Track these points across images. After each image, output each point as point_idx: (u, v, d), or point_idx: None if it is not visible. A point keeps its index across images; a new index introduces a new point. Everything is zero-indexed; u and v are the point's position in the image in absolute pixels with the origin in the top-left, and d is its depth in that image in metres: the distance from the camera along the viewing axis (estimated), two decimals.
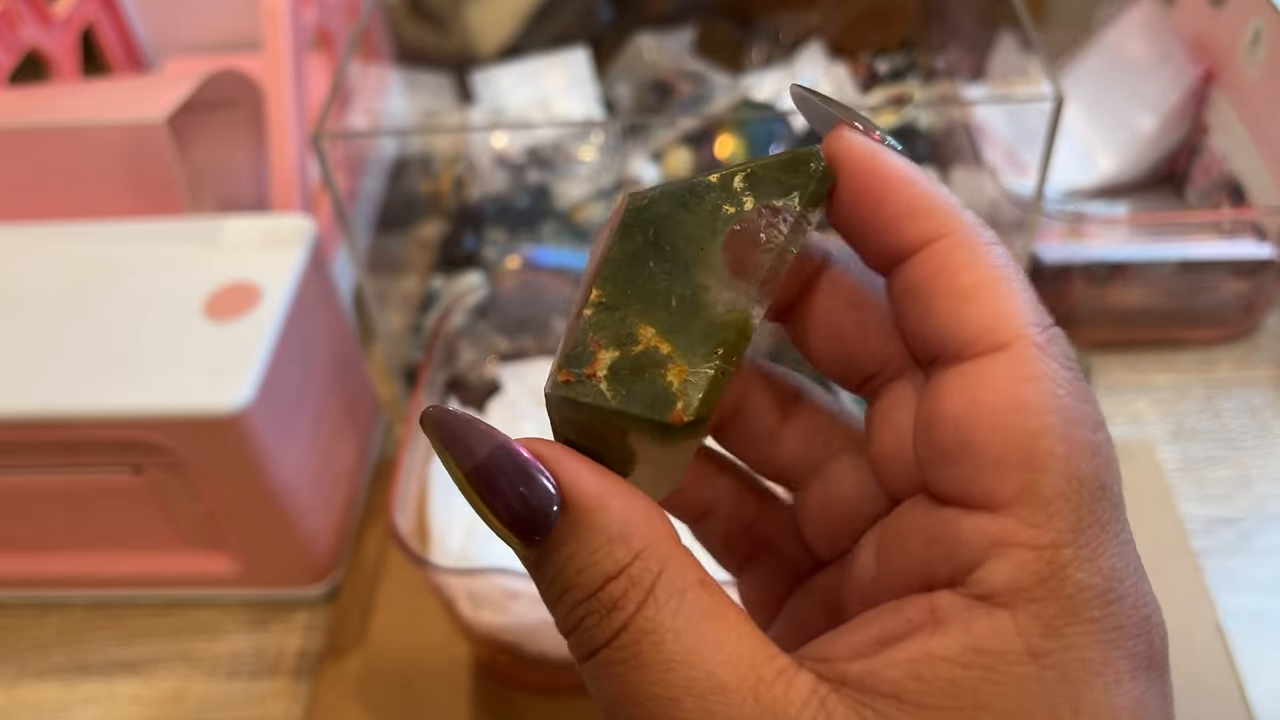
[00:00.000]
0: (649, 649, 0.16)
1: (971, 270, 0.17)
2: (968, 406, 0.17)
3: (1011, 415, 0.16)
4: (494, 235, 0.63)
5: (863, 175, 0.18)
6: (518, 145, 0.66)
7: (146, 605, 0.50)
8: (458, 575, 0.40)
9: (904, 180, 0.18)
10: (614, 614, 0.16)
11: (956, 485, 0.17)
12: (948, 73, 0.68)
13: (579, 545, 0.17)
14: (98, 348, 0.43)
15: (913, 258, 0.18)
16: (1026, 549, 0.16)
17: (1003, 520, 0.16)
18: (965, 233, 0.17)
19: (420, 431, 0.46)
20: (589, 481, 0.17)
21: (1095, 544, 0.16)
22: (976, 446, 0.16)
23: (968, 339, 0.17)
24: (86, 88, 0.58)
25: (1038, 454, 0.16)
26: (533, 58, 0.71)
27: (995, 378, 0.16)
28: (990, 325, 0.17)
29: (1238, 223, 0.55)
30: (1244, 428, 0.54)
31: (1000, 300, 0.17)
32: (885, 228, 0.18)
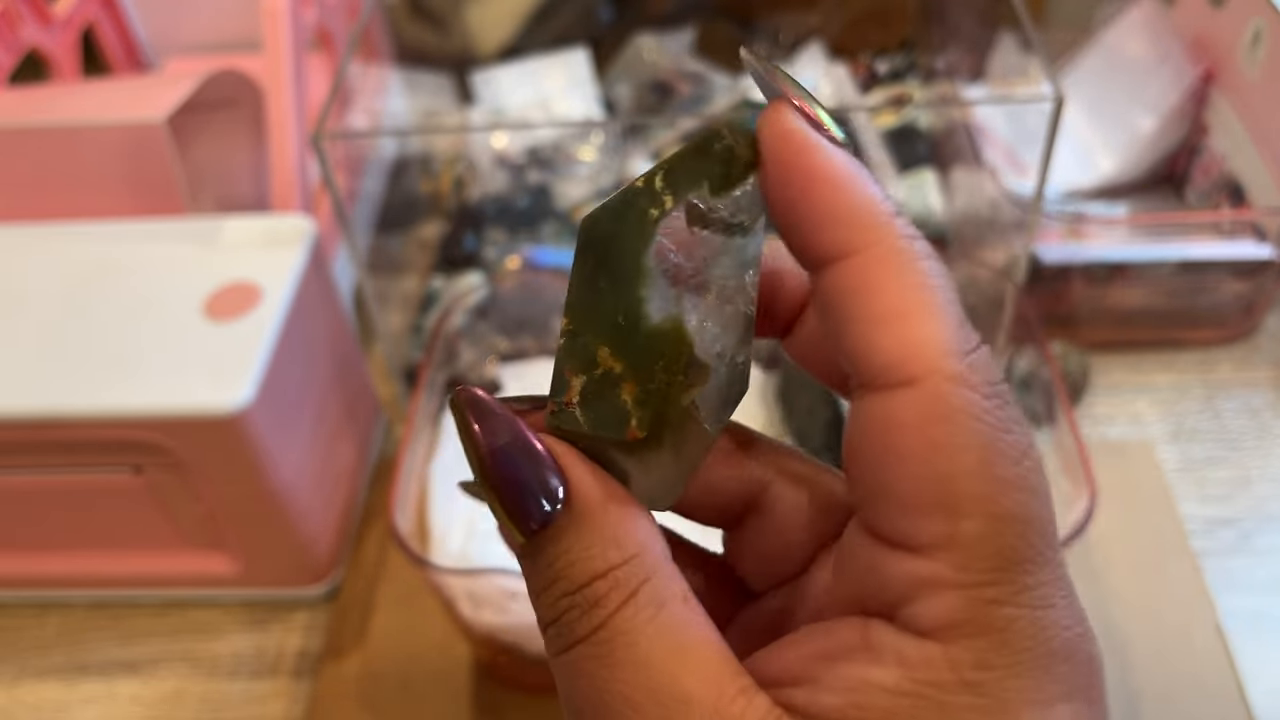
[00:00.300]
0: (622, 649, 0.17)
1: (888, 292, 0.16)
2: (881, 448, 0.16)
3: (924, 460, 0.16)
4: (494, 235, 0.63)
5: (787, 168, 0.17)
6: (518, 145, 0.66)
7: (146, 605, 0.50)
8: (458, 575, 0.40)
9: (831, 180, 0.17)
10: (595, 610, 0.17)
11: (879, 525, 0.17)
12: (948, 73, 0.68)
13: (574, 540, 0.17)
14: (98, 348, 0.43)
15: (831, 268, 0.17)
16: (952, 589, 0.16)
17: (927, 562, 0.16)
18: (888, 246, 0.16)
19: (419, 432, 0.46)
20: (593, 484, 0.18)
21: (1022, 578, 0.16)
22: (893, 491, 0.16)
23: (878, 368, 0.16)
24: (87, 88, 0.58)
25: (954, 498, 0.16)
26: (533, 58, 0.71)
27: (905, 417, 0.16)
28: (901, 356, 0.16)
29: (1237, 223, 0.55)
30: (1244, 428, 0.54)
31: (915, 327, 0.16)
32: (805, 230, 0.17)
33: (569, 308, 0.19)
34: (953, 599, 0.16)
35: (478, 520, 0.45)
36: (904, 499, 0.16)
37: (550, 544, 0.18)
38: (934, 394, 0.16)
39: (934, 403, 0.16)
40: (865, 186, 0.17)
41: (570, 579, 0.17)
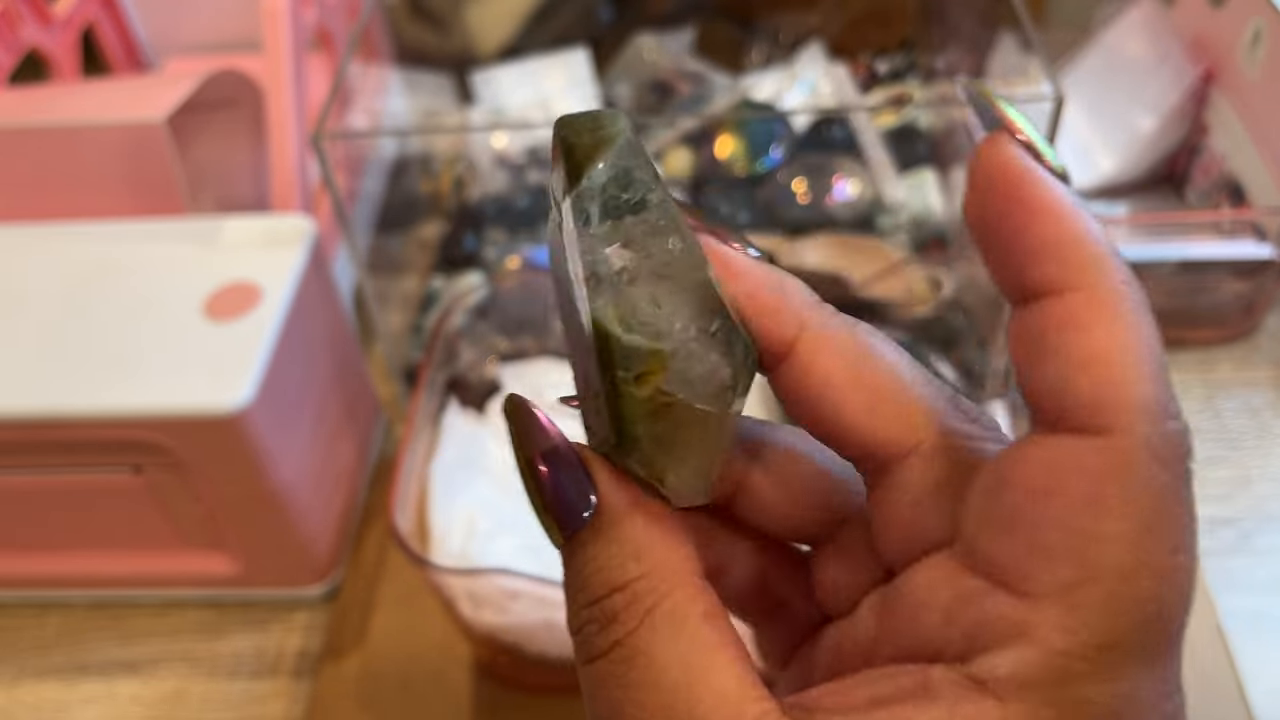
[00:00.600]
0: (638, 669, 0.17)
1: (1100, 335, 0.15)
2: (1043, 484, 0.15)
3: (1082, 510, 0.15)
4: (494, 235, 0.63)
5: (1007, 198, 0.16)
6: (518, 145, 0.66)
7: (146, 605, 0.50)
8: (458, 575, 0.40)
9: (1051, 213, 0.16)
10: (612, 626, 0.17)
11: (1000, 557, 0.16)
12: (948, 73, 0.68)
13: (599, 549, 0.18)
14: (98, 348, 0.43)
15: (1040, 302, 0.16)
16: (1040, 648, 0.15)
17: (1031, 611, 0.15)
18: (1102, 289, 0.15)
19: (419, 432, 0.46)
20: (620, 494, 0.18)
21: (1121, 668, 0.15)
22: (1037, 528, 0.15)
23: (1069, 409, 0.15)
24: (86, 88, 0.58)
25: (1093, 559, 0.15)
26: (533, 58, 0.71)
27: (1081, 464, 0.15)
28: (1096, 404, 0.15)
29: (1237, 223, 0.55)
30: (1244, 428, 0.54)
31: (1119, 378, 0.15)
32: (1018, 261, 0.16)
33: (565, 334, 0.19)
34: (1038, 657, 0.15)
35: (478, 520, 0.45)
36: (1042, 539, 0.15)
37: (579, 550, 0.18)
38: (1120, 451, 0.15)
39: (1116, 460, 0.15)
40: (1086, 223, 0.16)
41: (592, 588, 0.17)
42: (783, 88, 0.69)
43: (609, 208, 0.17)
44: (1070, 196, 0.16)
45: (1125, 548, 0.15)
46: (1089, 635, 0.15)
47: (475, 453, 0.49)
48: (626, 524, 0.18)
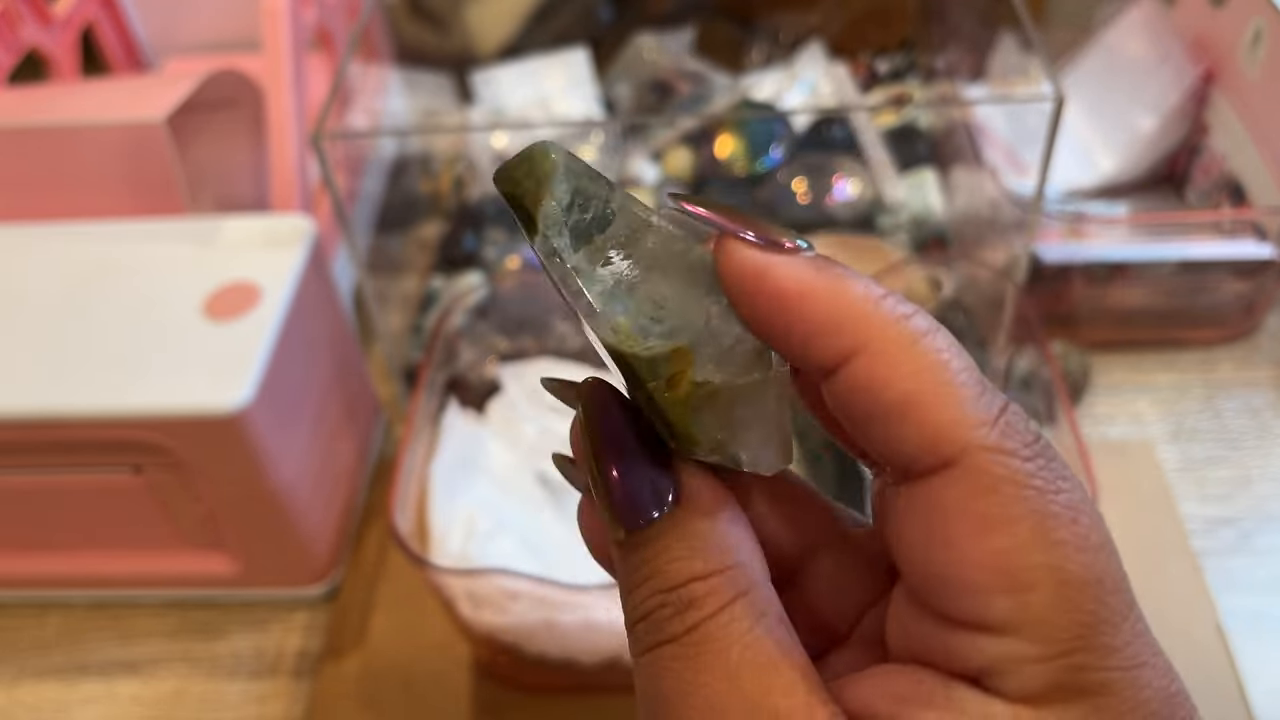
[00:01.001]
0: (714, 654, 0.16)
1: (895, 385, 0.16)
2: (930, 536, 0.16)
3: (976, 540, 0.15)
4: (494, 235, 0.63)
5: (752, 298, 0.17)
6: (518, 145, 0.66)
7: (146, 605, 0.50)
8: (457, 576, 0.40)
9: (800, 294, 0.16)
10: (690, 611, 0.17)
11: (946, 609, 0.16)
12: (948, 73, 0.68)
13: (676, 540, 0.17)
14: (98, 348, 0.43)
15: (835, 376, 0.16)
16: (1036, 663, 0.15)
17: (1004, 641, 0.15)
18: (881, 341, 0.16)
19: (419, 432, 0.46)
20: (709, 489, 0.18)
21: (1106, 640, 0.15)
22: (953, 577, 0.16)
23: (910, 458, 0.16)
24: (86, 88, 0.58)
25: (1017, 573, 0.15)
26: (533, 58, 0.71)
27: (949, 499, 0.15)
28: (930, 441, 0.16)
29: (1238, 223, 0.55)
30: (1244, 428, 0.54)
31: (934, 410, 0.16)
32: (797, 347, 0.17)
33: None
34: (1039, 671, 0.15)
35: (478, 520, 0.45)
36: (965, 583, 0.15)
37: (651, 541, 0.17)
38: (973, 469, 0.15)
39: (975, 478, 0.15)
40: (838, 287, 0.16)
41: (667, 577, 0.17)
42: (783, 87, 0.69)
43: (577, 235, 0.18)
44: (814, 267, 0.16)
45: (1033, 548, 0.15)
46: (1062, 632, 0.15)
47: (475, 453, 0.49)
48: (713, 518, 0.17)
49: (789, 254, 0.17)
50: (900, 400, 0.16)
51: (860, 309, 0.16)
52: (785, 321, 0.16)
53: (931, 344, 0.16)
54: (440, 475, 0.46)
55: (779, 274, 0.16)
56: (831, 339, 0.16)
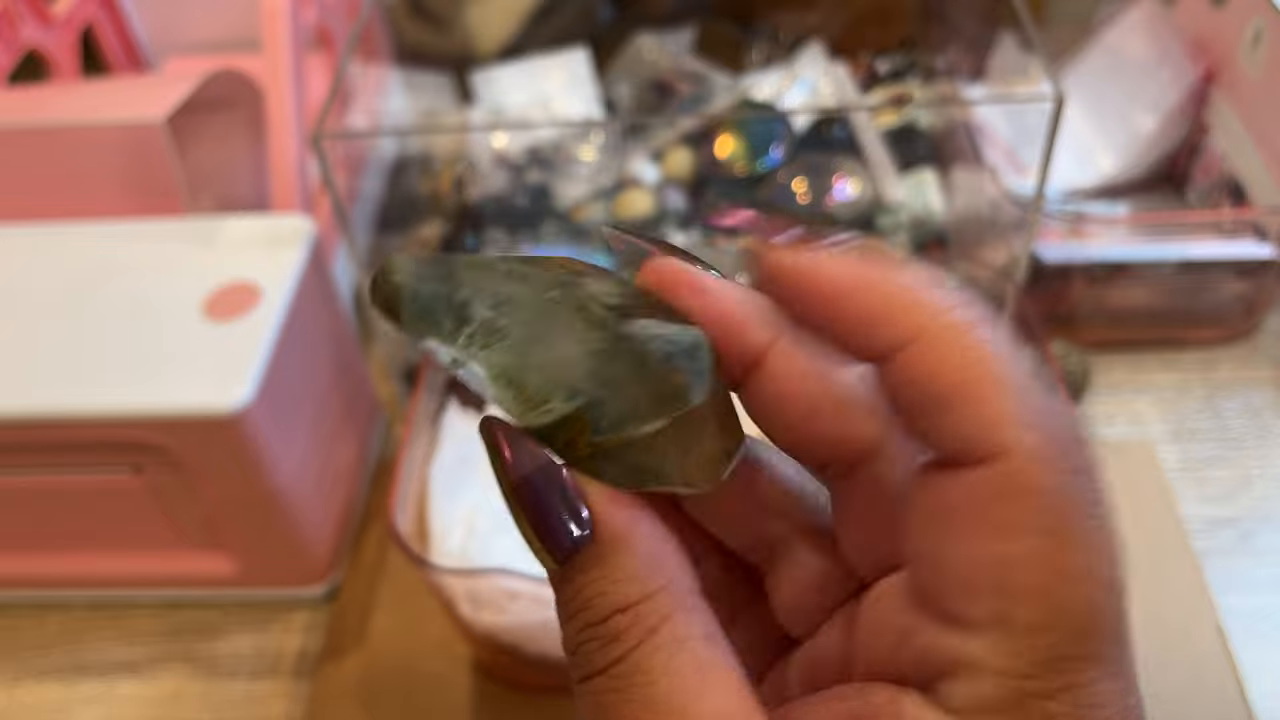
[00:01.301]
0: (638, 686, 0.17)
1: (944, 376, 0.16)
2: (946, 522, 0.16)
3: (987, 540, 0.15)
4: (494, 235, 0.63)
5: (806, 296, 0.17)
6: (518, 145, 0.66)
7: (146, 605, 0.50)
8: (457, 576, 0.40)
9: (851, 287, 0.16)
10: (613, 645, 0.17)
11: (929, 596, 0.16)
12: (948, 72, 0.68)
13: (598, 574, 0.17)
14: (97, 348, 0.43)
15: (887, 366, 0.16)
16: (994, 674, 0.15)
17: (970, 642, 0.15)
18: (935, 330, 0.16)
19: (418, 432, 0.46)
20: (619, 517, 0.18)
21: (1072, 676, 0.15)
22: (952, 569, 0.16)
23: (951, 451, 0.16)
24: (86, 88, 0.58)
25: (1012, 584, 0.15)
26: (533, 57, 0.71)
27: (976, 495, 0.15)
28: (970, 436, 0.15)
29: (1238, 223, 0.55)
30: (1244, 428, 0.54)
31: (980, 405, 0.15)
32: (852, 340, 0.17)
33: None
34: (993, 684, 0.15)
35: (477, 520, 0.45)
36: (961, 576, 0.15)
37: (576, 575, 0.18)
38: (1005, 473, 0.15)
39: (1005, 482, 0.15)
40: (888, 278, 0.16)
41: (592, 611, 0.17)
42: (783, 87, 0.69)
43: (446, 334, 0.18)
44: (858, 262, 0.17)
45: (1039, 565, 0.15)
46: (1031, 654, 0.15)
47: (475, 453, 0.49)
48: (627, 548, 0.17)
49: (830, 249, 0.17)
50: (946, 393, 0.16)
51: (911, 298, 0.16)
52: (840, 316, 0.17)
53: (982, 337, 0.16)
54: (440, 475, 0.46)
55: (828, 270, 0.17)
56: (883, 330, 0.16)
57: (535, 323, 0.17)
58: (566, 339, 0.17)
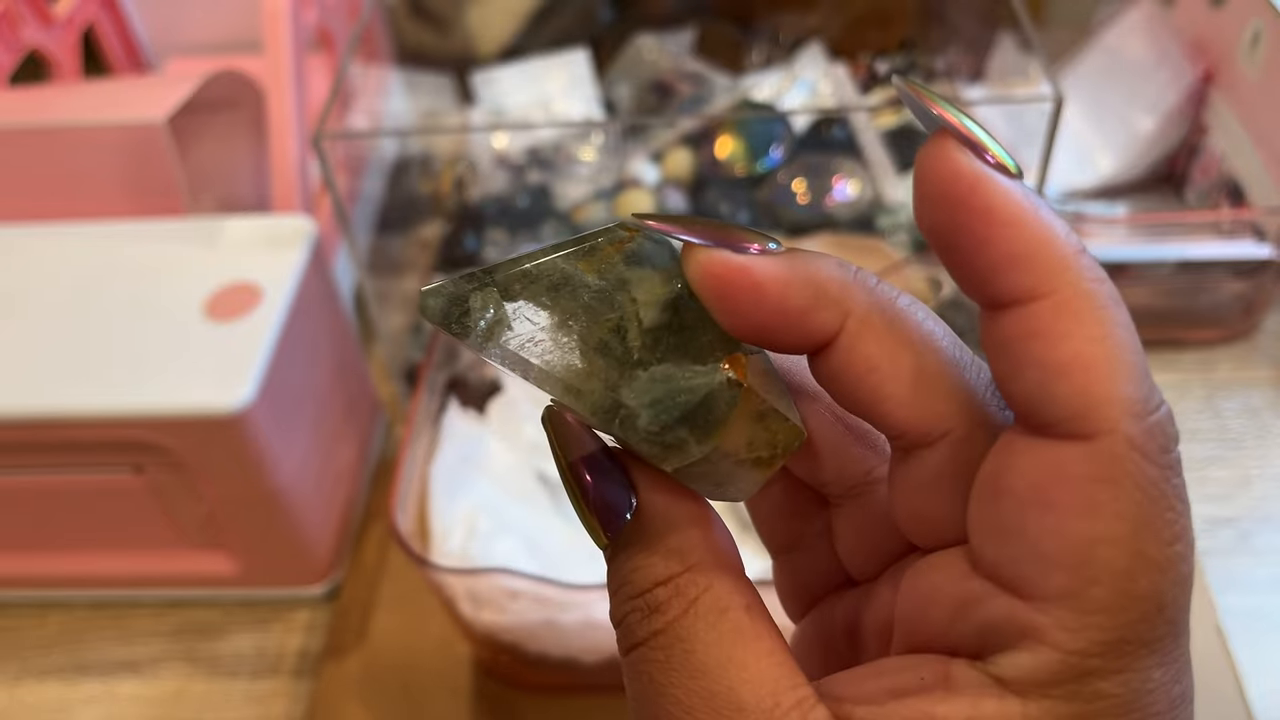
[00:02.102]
0: (679, 655, 0.17)
1: (1073, 340, 0.15)
2: (1034, 492, 0.15)
3: (1077, 516, 0.15)
4: (494, 235, 0.63)
5: (960, 210, 0.16)
6: (518, 146, 0.66)
7: (147, 605, 0.50)
8: (458, 575, 0.40)
9: (1011, 220, 0.15)
10: (655, 616, 0.17)
11: (1001, 564, 0.16)
12: (947, 73, 0.68)
13: (641, 549, 0.18)
14: (99, 348, 0.43)
15: (1008, 312, 0.16)
16: (1055, 649, 0.15)
17: (1038, 614, 0.15)
18: (1071, 293, 0.15)
19: (419, 432, 0.46)
20: (661, 496, 0.18)
21: (1130, 659, 0.15)
22: (1034, 538, 0.15)
23: (1053, 419, 0.15)
24: (87, 88, 0.58)
25: (1093, 563, 0.15)
26: (533, 58, 0.71)
27: (1071, 471, 0.15)
28: (1079, 410, 0.15)
29: (1237, 223, 0.55)
30: (1244, 428, 0.54)
31: (1097, 382, 0.15)
32: (981, 273, 0.16)
33: None
34: (1054, 658, 0.15)
35: (478, 520, 0.45)
36: (1041, 548, 0.15)
37: (622, 550, 0.18)
38: (1106, 454, 0.15)
39: (1106, 462, 0.15)
40: (1048, 225, 0.16)
41: (634, 584, 0.18)
42: (783, 88, 0.69)
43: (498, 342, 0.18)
44: (1026, 197, 0.16)
45: (1122, 549, 0.15)
46: (1098, 634, 0.15)
47: (475, 453, 0.49)
48: (666, 523, 0.18)
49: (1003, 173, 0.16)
50: (1069, 360, 0.15)
51: (1061, 255, 0.15)
52: (988, 245, 0.16)
53: (1114, 316, 0.15)
54: (441, 475, 0.46)
55: (996, 194, 0.16)
56: (1025, 275, 0.15)
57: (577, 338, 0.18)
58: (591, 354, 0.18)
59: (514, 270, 0.18)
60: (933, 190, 0.16)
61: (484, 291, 0.18)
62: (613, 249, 0.18)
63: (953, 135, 0.16)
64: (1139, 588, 0.15)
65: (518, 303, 0.18)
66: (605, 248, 0.18)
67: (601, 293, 0.18)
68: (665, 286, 0.18)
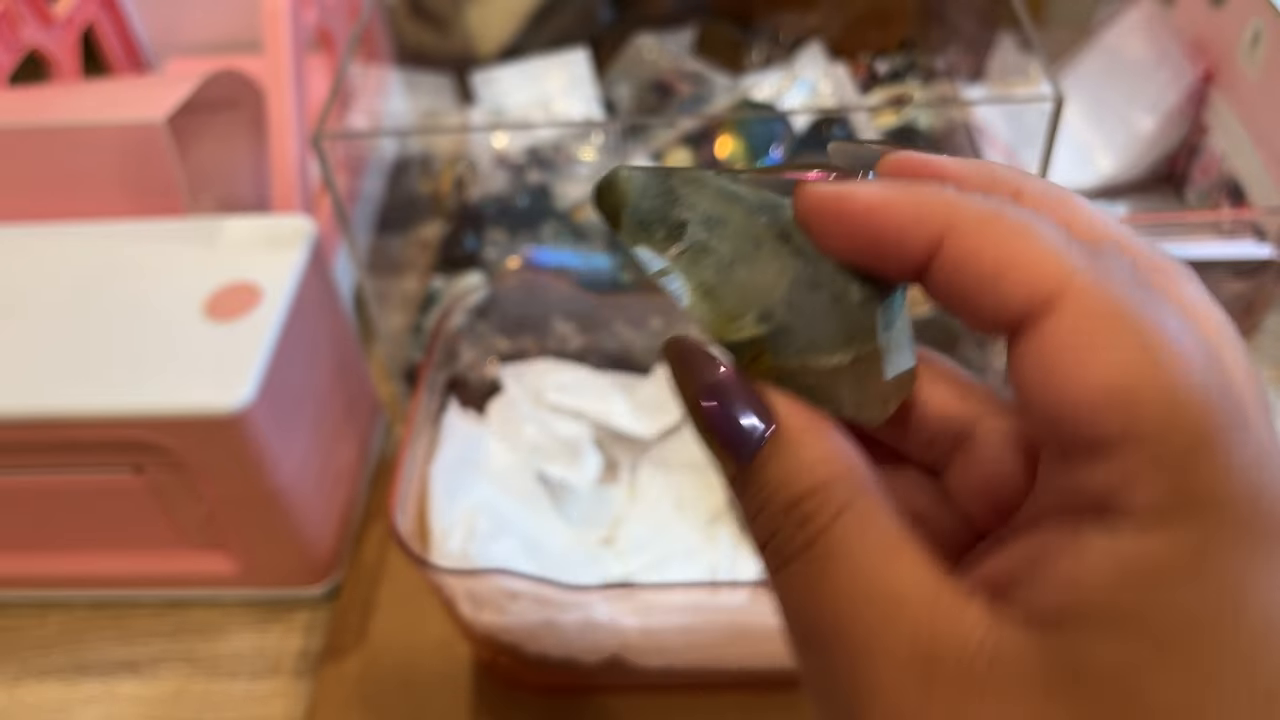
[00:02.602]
0: (836, 561, 0.18)
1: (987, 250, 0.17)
2: (1046, 377, 0.16)
3: (1083, 366, 0.16)
4: (494, 235, 0.63)
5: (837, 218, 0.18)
6: (518, 145, 0.66)
7: (147, 605, 0.50)
8: (458, 576, 0.40)
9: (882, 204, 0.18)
10: (806, 526, 0.18)
11: (1069, 445, 0.16)
12: (947, 73, 0.68)
13: (782, 463, 0.18)
14: (98, 348, 0.43)
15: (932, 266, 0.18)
16: (1150, 481, 0.15)
17: (1119, 461, 0.16)
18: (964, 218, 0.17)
19: (419, 432, 0.46)
20: (799, 413, 0.19)
21: (1226, 453, 0.15)
22: (1067, 408, 0.16)
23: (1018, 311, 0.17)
24: (87, 88, 0.58)
25: (1124, 394, 0.16)
26: (533, 58, 0.71)
27: (1056, 335, 0.16)
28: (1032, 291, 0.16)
29: (1237, 223, 0.55)
30: None
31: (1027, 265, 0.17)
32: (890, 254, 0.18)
33: None
34: (1154, 487, 0.15)
35: (478, 521, 0.45)
36: (1079, 408, 0.16)
37: (761, 469, 0.19)
38: (1073, 304, 0.16)
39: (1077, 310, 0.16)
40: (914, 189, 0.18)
41: (783, 497, 0.18)
42: (783, 88, 0.69)
43: (658, 242, 0.19)
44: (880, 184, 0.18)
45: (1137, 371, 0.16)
46: (1176, 444, 0.15)
47: (475, 453, 0.49)
48: (811, 435, 0.18)
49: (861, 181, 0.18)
50: (994, 264, 0.17)
51: (939, 199, 0.18)
52: (875, 233, 0.18)
53: (1013, 214, 0.17)
54: (441, 475, 0.46)
55: (858, 195, 0.18)
56: (921, 230, 0.17)
57: (742, 245, 0.19)
58: (769, 264, 0.19)
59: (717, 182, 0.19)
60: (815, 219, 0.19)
61: (692, 186, 0.19)
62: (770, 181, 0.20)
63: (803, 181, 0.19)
64: (1180, 388, 0.15)
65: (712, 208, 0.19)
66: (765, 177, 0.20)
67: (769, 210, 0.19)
68: None
